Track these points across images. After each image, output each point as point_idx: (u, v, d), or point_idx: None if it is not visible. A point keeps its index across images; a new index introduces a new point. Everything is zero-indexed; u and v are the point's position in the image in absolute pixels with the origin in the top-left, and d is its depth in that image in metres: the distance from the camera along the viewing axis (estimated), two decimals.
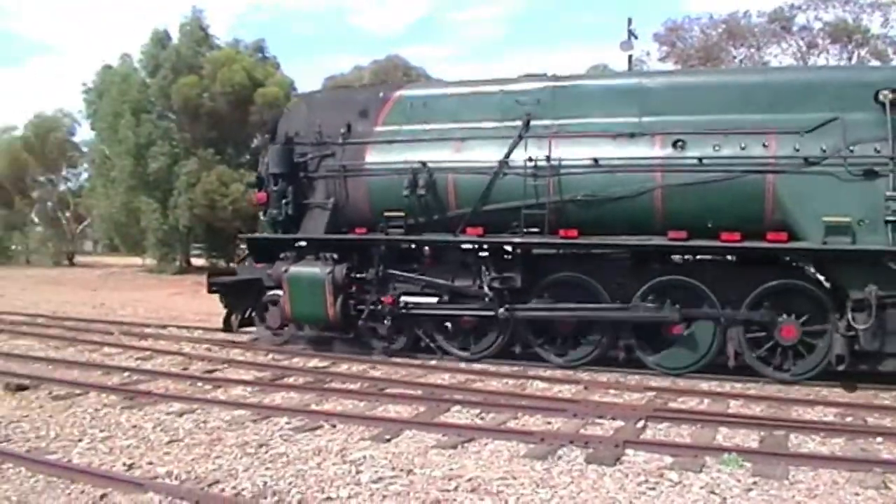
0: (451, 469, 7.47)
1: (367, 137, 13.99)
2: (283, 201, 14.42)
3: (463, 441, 8.39)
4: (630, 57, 28.07)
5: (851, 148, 11.07)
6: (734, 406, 10.23)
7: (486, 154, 12.91)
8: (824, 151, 11.16)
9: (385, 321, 13.62)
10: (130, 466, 7.62)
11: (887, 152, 10.86)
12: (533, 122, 12.80)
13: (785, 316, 11.62)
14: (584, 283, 12.71)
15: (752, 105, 11.85)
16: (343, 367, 12.82)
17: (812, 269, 11.90)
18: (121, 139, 39.83)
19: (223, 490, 6.90)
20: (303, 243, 14.42)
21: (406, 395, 10.64)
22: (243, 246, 19.62)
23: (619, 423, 9.14)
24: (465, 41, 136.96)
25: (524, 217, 12.58)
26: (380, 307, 13.57)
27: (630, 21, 28.43)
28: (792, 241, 11.34)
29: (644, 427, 9.07)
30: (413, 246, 13.85)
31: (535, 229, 12.58)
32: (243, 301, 15.28)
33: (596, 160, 12.20)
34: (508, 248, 13.24)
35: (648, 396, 10.76)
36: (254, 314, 15.24)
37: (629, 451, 7.96)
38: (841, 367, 11.17)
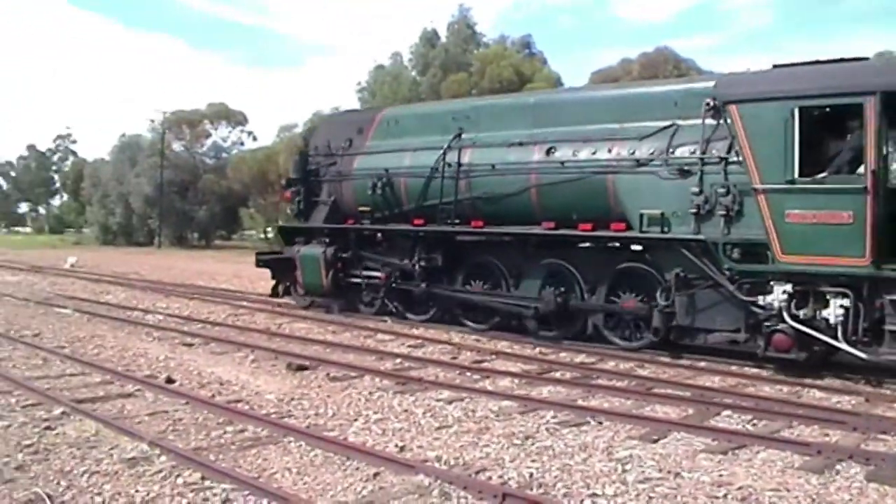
0: (721, 476, 7.30)
1: (359, 150, 18.19)
2: (297, 199, 19.36)
3: (733, 447, 8.17)
4: None
5: (672, 150, 13.09)
6: None
7: (427, 161, 16.38)
8: (652, 154, 13.32)
9: (363, 291, 18.04)
10: (402, 448, 8.00)
11: (699, 154, 12.64)
12: (463, 136, 16.08)
13: (628, 293, 13.87)
14: (492, 265, 15.88)
15: (609, 116, 14.30)
16: (610, 364, 12.76)
17: (647, 255, 13.77)
18: None
19: (490, 478, 7.10)
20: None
21: (674, 396, 10.47)
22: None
23: None
24: (737, 30, 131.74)
25: (447, 210, 16.06)
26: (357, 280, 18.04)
27: None
28: (628, 231, 13.55)
29: None
30: (376, 234, 17.92)
31: (457, 220, 15.96)
32: (286, 274, 19.36)
33: (493, 165, 15.31)
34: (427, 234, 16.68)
35: None
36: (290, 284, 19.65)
37: None
38: (657, 339, 13.41)
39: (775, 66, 12.47)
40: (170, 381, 10.95)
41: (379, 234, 17.82)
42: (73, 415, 9.07)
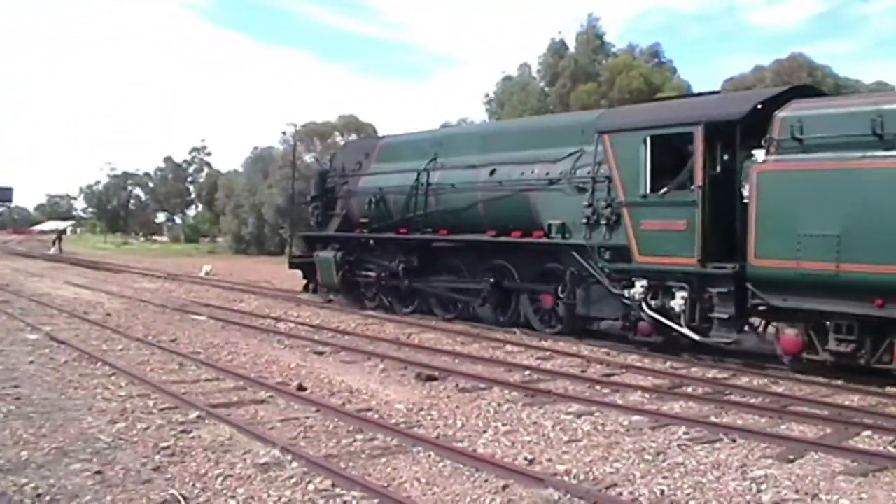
0: (861, 499, 7.07)
1: (365, 171, 21.99)
2: (317, 212, 23.62)
3: (874, 469, 7.88)
4: None
5: (574, 171, 16.06)
6: None
7: (409, 181, 19.95)
8: (560, 174, 16.34)
9: (363, 288, 21.92)
10: (531, 461, 7.99)
11: (591, 174, 15.46)
12: (438, 160, 19.58)
13: (548, 288, 16.85)
14: (458, 265, 19.27)
15: (536, 142, 17.47)
16: (743, 380, 12.45)
17: (558, 257, 16.52)
18: None
19: (620, 494, 7.03)
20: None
21: (811, 415, 10.13)
22: None
23: None
24: (869, 35, 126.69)
25: (422, 221, 19.68)
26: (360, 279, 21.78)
27: None
28: (544, 237, 16.61)
29: None
30: (370, 240, 21.70)
31: (430, 229, 19.51)
32: (312, 274, 23.46)
33: (453, 184, 18.86)
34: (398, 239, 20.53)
35: None
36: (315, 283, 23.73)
37: None
38: (560, 327, 16.62)
39: (665, 99, 15.61)
40: (301, 388, 11.21)
41: (372, 241, 21.66)
42: (208, 419, 9.38)
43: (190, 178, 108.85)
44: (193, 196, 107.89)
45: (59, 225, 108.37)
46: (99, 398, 10.50)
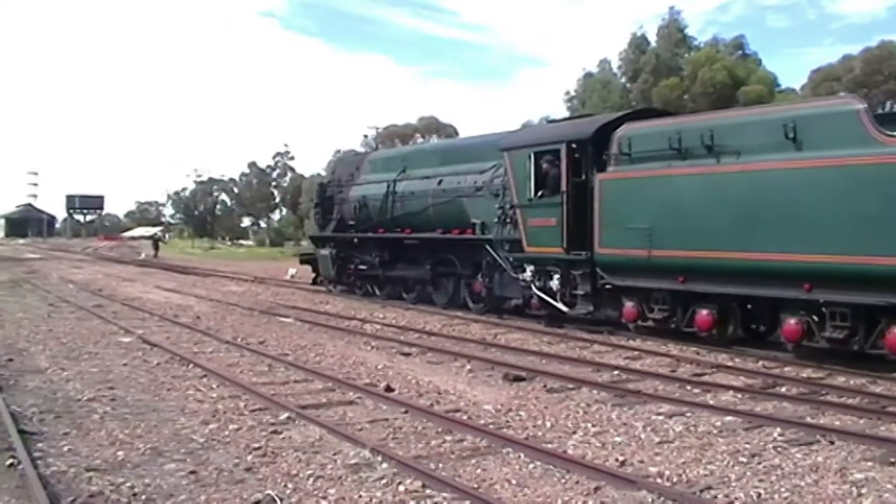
0: None
1: (354, 181, 26.63)
2: (318, 217, 28.94)
3: None
4: None
5: (492, 180, 19.95)
6: None
7: (383, 190, 24.31)
8: (483, 183, 20.32)
9: (353, 278, 26.35)
10: (622, 463, 7.91)
11: (502, 183, 19.33)
12: (406, 171, 23.92)
13: (479, 276, 20.57)
14: (419, 258, 22.92)
15: (471, 156, 21.52)
16: (839, 380, 12.11)
17: (484, 249, 19.99)
18: None
19: (716, 497, 6.91)
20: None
21: None
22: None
23: None
24: None
25: (391, 223, 24.00)
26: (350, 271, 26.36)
27: None
28: (472, 234, 20.54)
29: None
30: (353, 239, 25.92)
31: (398, 229, 23.66)
32: (318, 269, 28.40)
33: (413, 192, 23.20)
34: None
35: None
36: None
37: None
38: (487, 306, 20.52)
39: (549, 122, 20.18)
40: (389, 389, 11.28)
41: (356, 240, 25.85)
42: (298, 420, 9.50)
43: (274, 183, 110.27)
44: (278, 200, 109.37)
45: (149, 231, 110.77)
46: (191, 399, 10.72)
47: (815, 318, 13.19)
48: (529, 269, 18.15)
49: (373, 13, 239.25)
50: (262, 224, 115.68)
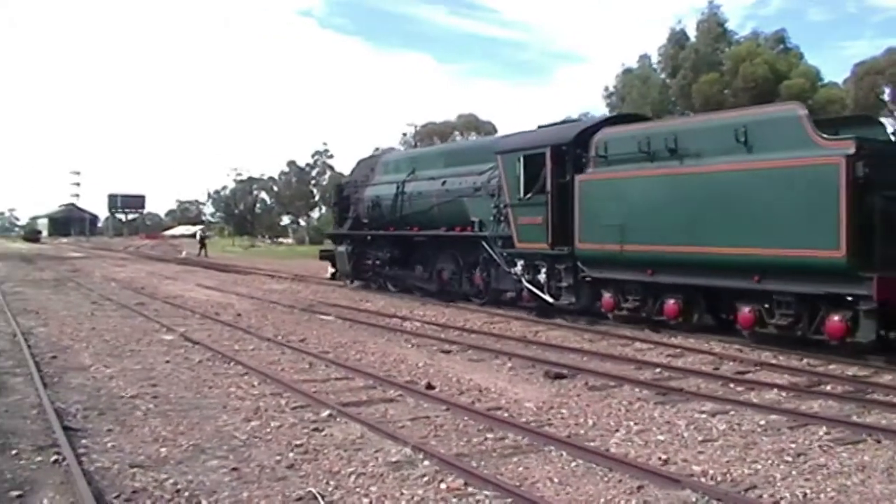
0: None
1: (370, 182, 28.14)
2: (335, 215, 31.24)
3: None
4: None
5: (489, 181, 21.21)
6: None
7: (394, 190, 25.76)
8: (481, 184, 21.60)
9: (369, 273, 28.13)
10: (665, 461, 7.85)
11: (497, 184, 20.62)
12: (415, 173, 25.34)
13: (478, 270, 22.24)
14: (427, 254, 24.64)
15: (471, 159, 23.01)
16: (886, 378, 11.95)
17: (483, 245, 21.30)
18: None
19: (761, 496, 6.85)
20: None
21: None
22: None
23: None
24: None
25: (401, 221, 25.47)
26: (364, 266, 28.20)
27: None
28: (472, 231, 21.81)
29: None
30: (367, 237, 27.72)
31: (407, 227, 25.02)
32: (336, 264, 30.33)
33: (420, 192, 24.57)
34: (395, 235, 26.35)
35: None
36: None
37: None
38: (487, 298, 22.04)
39: (539, 127, 20.70)
40: (430, 387, 11.29)
41: (369, 237, 27.61)
42: (339, 417, 9.53)
43: (313, 181, 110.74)
44: (317, 198, 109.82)
45: (190, 230, 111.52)
46: (233, 397, 10.79)
47: (766, 306, 14.43)
48: (520, 263, 19.74)
49: (410, 11, 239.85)
50: (302, 222, 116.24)
